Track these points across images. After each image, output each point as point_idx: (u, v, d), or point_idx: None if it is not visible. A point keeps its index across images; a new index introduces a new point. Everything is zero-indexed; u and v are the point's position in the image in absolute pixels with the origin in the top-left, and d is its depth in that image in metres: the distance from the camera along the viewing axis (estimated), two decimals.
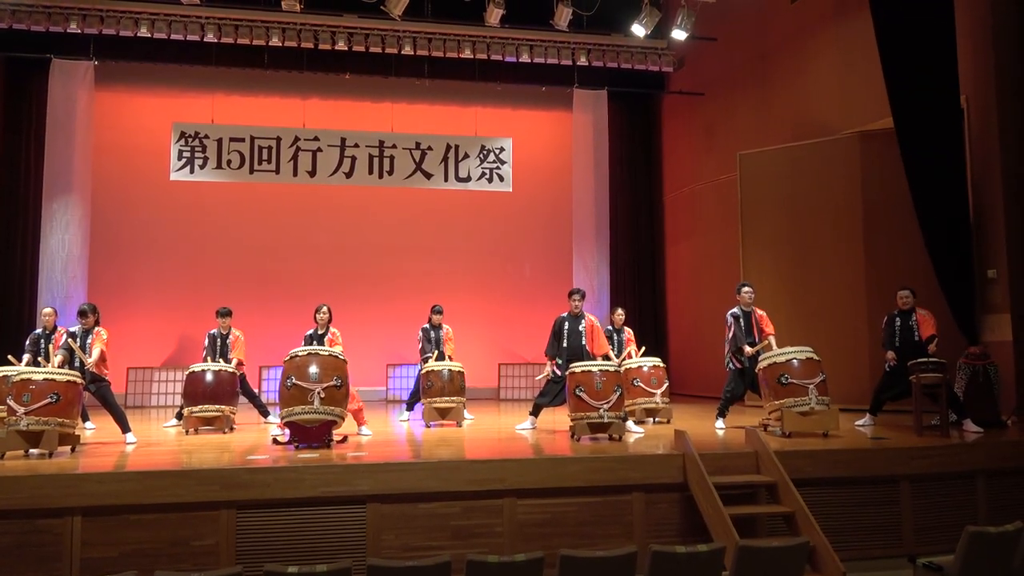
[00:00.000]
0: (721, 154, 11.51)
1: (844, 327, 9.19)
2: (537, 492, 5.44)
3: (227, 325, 8.41)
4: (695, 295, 12.26)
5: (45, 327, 7.75)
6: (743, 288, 7.63)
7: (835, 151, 9.50)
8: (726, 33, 11.48)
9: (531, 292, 12.98)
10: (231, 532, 5.06)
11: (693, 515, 5.46)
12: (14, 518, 4.83)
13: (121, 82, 12.10)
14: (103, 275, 11.71)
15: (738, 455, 5.83)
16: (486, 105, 13.11)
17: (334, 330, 8.09)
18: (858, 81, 9.22)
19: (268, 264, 12.36)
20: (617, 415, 6.63)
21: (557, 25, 10.43)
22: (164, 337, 11.85)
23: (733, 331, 7.47)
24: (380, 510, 5.24)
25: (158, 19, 10.94)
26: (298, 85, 12.45)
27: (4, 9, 10.59)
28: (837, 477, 5.77)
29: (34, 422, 5.77)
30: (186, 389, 7.80)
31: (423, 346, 8.86)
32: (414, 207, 12.91)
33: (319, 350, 6.56)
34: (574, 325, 7.51)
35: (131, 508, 4.96)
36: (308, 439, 6.28)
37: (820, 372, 6.79)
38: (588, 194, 12.84)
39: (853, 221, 9.31)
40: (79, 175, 11.48)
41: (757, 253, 10.15)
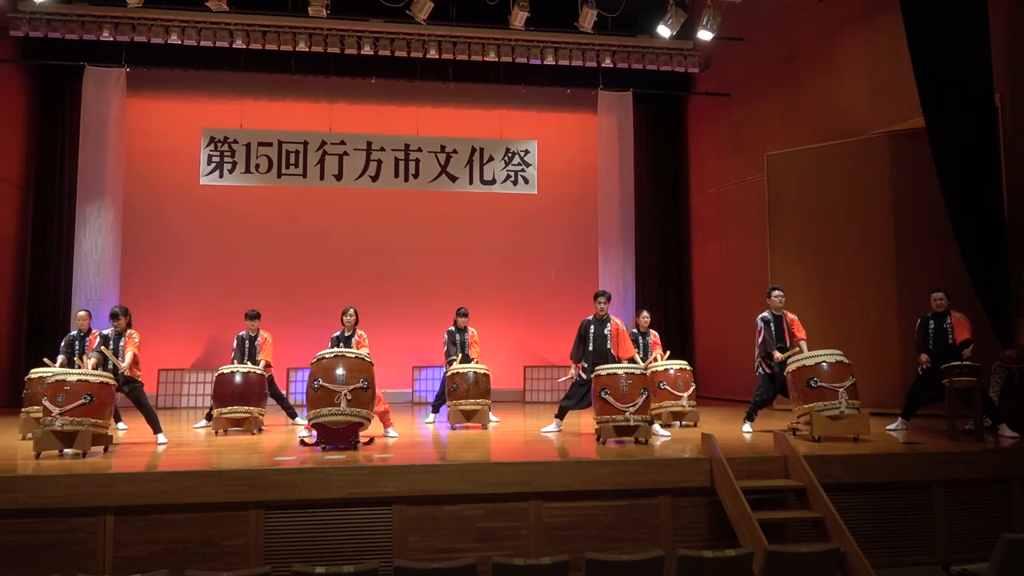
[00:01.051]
0: (748, 155, 11.41)
1: (875, 330, 9.05)
2: (563, 495, 5.43)
3: (255, 327, 8.51)
4: (722, 298, 12.16)
5: (80, 329, 7.91)
6: (773, 291, 7.54)
7: (865, 151, 9.37)
8: (753, 33, 11.38)
9: (556, 294, 12.96)
10: (260, 532, 5.11)
11: (720, 519, 5.41)
12: (49, 516, 4.93)
13: (152, 88, 12.32)
14: (135, 278, 11.92)
15: (767, 459, 5.76)
16: (511, 108, 13.13)
17: (361, 332, 8.14)
18: (888, 80, 9.08)
19: (296, 267, 12.49)
20: (643, 418, 6.60)
21: (582, 27, 10.41)
22: (194, 339, 12.03)
23: (763, 336, 7.39)
24: (406, 512, 5.27)
25: (188, 26, 11.12)
26: (325, 90, 12.57)
27: (39, 19, 10.84)
28: (868, 482, 5.69)
29: (68, 422, 5.88)
30: (216, 391, 7.91)
31: (448, 348, 8.89)
32: (439, 210, 12.96)
33: (346, 352, 6.61)
34: (600, 328, 7.48)
35: (162, 508, 5.04)
36: (335, 440, 6.32)
37: (850, 375, 6.69)
38: (613, 196, 12.80)
39: (883, 222, 9.17)
40: (111, 180, 11.70)
41: (785, 255, 10.04)
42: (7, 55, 11.22)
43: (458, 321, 8.99)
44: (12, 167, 11.46)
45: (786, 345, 7.31)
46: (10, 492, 4.92)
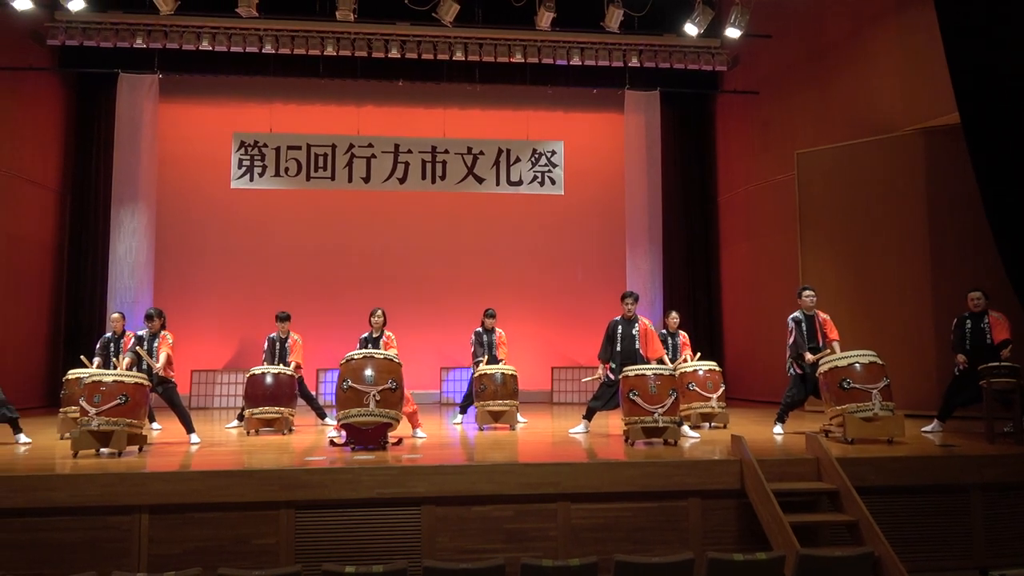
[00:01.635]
0: (777, 153, 11.27)
1: (909, 330, 8.89)
2: (591, 496, 5.41)
3: (286, 329, 8.60)
4: (752, 298, 12.02)
5: (114, 331, 8.07)
6: (804, 291, 7.43)
7: (897, 148, 9.21)
8: (781, 29, 11.24)
9: (584, 295, 12.92)
10: (290, 531, 5.17)
11: (751, 522, 5.35)
12: (86, 514, 5.03)
13: (184, 94, 12.52)
14: (168, 280, 12.13)
15: (798, 461, 5.69)
16: (537, 108, 13.12)
17: (388, 333, 8.18)
18: (921, 75, 8.91)
19: (325, 269, 12.61)
20: (672, 419, 6.55)
21: (608, 27, 10.37)
22: (226, 340, 12.20)
23: (794, 336, 7.28)
24: (435, 512, 5.29)
25: (219, 32, 11.29)
26: (352, 93, 12.67)
27: (75, 27, 11.08)
28: (903, 486, 5.59)
29: (104, 422, 6.00)
30: (247, 391, 8.02)
31: (475, 350, 8.91)
32: (466, 211, 13.00)
33: (374, 353, 6.65)
34: (627, 329, 7.44)
35: (195, 507, 5.12)
36: (364, 441, 6.37)
37: (884, 376, 6.58)
38: (641, 196, 12.73)
39: (917, 220, 9.01)
40: (145, 184, 11.92)
41: (816, 254, 9.90)
42: (44, 64, 11.49)
43: (485, 322, 9.00)
44: (50, 173, 11.74)
45: (818, 346, 7.20)
46: (49, 490, 5.03)
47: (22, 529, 4.97)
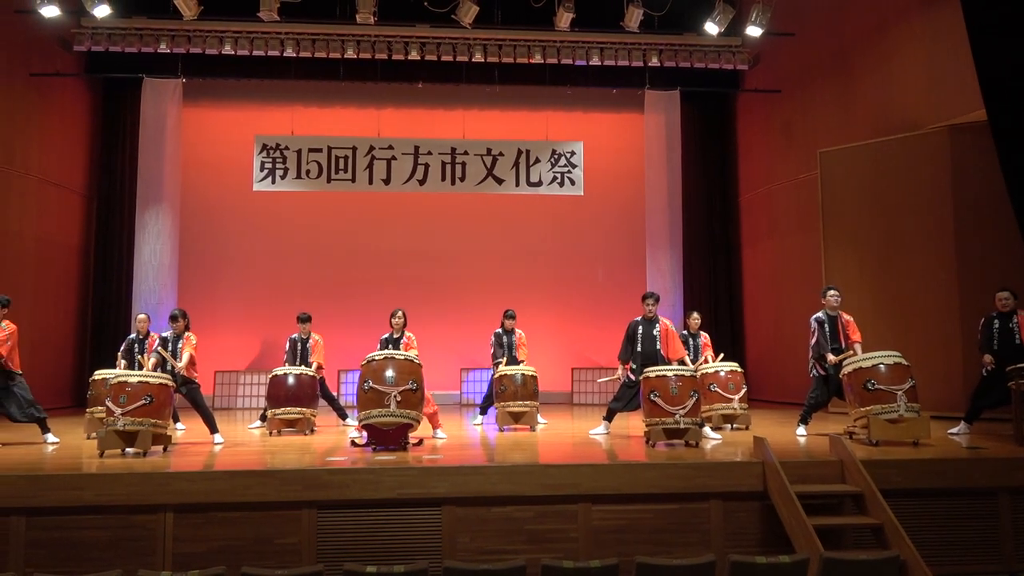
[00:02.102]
0: (800, 152, 11.16)
1: (935, 331, 8.76)
2: (612, 498, 5.39)
3: (307, 330, 8.66)
4: (774, 298, 11.92)
5: (139, 332, 8.18)
6: (828, 291, 7.35)
7: (923, 146, 9.09)
8: (803, 27, 11.13)
9: (604, 296, 12.88)
10: (312, 531, 5.20)
11: (774, 524, 5.30)
12: (112, 513, 5.10)
13: (207, 98, 12.67)
14: (191, 282, 12.27)
15: (822, 463, 5.63)
16: (557, 109, 13.11)
17: (409, 334, 8.21)
18: (946, 72, 8.78)
19: (346, 270, 12.68)
20: (693, 421, 6.51)
21: (628, 27, 10.34)
22: (249, 341, 12.31)
23: (816, 337, 7.21)
24: (455, 513, 5.30)
25: (241, 37, 11.41)
26: (373, 96, 12.75)
27: (101, 33, 11.26)
28: (929, 488, 5.50)
29: (130, 422, 6.08)
30: (269, 392, 8.09)
31: (495, 351, 8.93)
32: (486, 213, 13.02)
33: (395, 354, 6.68)
34: (648, 329, 7.41)
35: (219, 506, 5.17)
36: (385, 441, 6.40)
37: (909, 377, 6.49)
38: (661, 196, 12.67)
39: (943, 219, 8.88)
40: (169, 187, 12.07)
41: (840, 254, 9.79)
42: (71, 69, 11.67)
43: (505, 323, 9.00)
44: (76, 176, 11.93)
45: (841, 347, 7.12)
46: (76, 489, 5.11)
47: (51, 527, 5.06)
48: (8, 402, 6.91)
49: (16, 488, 5.07)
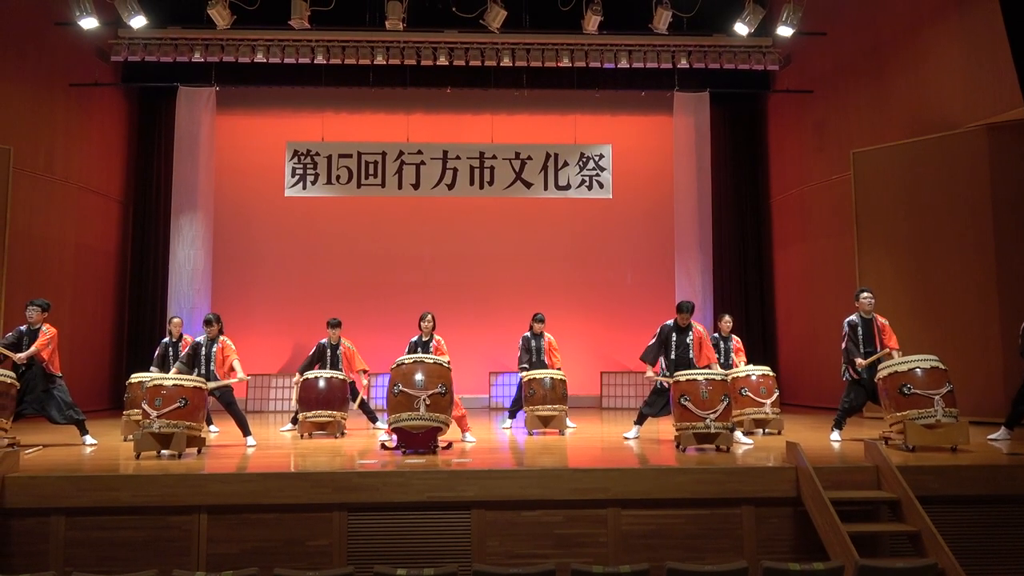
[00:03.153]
0: (833, 153, 11.00)
1: (974, 334, 8.57)
2: (642, 503, 5.35)
3: (337, 335, 8.74)
4: (807, 301, 11.75)
5: (172, 335, 8.33)
6: (862, 294, 7.22)
7: (960, 146, 8.90)
8: (836, 26, 10.98)
9: (633, 299, 12.81)
10: (343, 533, 5.24)
11: (807, 531, 5.22)
12: (148, 514, 5.19)
13: (239, 106, 12.87)
14: (224, 287, 12.45)
15: (857, 469, 5.53)
16: (585, 112, 13.08)
17: (438, 337, 8.24)
18: (983, 70, 8.60)
19: (375, 274, 12.78)
20: (724, 425, 6.44)
21: (656, 29, 10.28)
22: (280, 345, 12.45)
23: (847, 341, 7.08)
24: (484, 516, 5.30)
25: (272, 45, 11.57)
26: (402, 101, 12.84)
27: (137, 43, 11.50)
28: (969, 495, 5.38)
29: (165, 425, 6.19)
30: (300, 395, 8.18)
31: (521, 355, 8.90)
32: (515, 216, 13.02)
33: (424, 358, 6.71)
34: (682, 337, 7.31)
35: (251, 508, 5.24)
36: (414, 445, 6.43)
37: (947, 382, 6.35)
38: (690, 199, 12.56)
39: (982, 220, 8.69)
40: (203, 193, 12.28)
41: (875, 257, 9.63)
42: (109, 79, 11.95)
43: (534, 327, 9.00)
44: (113, 183, 12.21)
45: (875, 351, 6.99)
46: (113, 490, 5.21)
47: (90, 527, 5.16)
48: (49, 405, 7.08)
49: (56, 488, 5.18)
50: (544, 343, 8.93)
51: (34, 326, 7.14)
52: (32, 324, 7.14)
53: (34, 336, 7.10)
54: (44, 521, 5.12)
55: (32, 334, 7.12)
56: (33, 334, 7.11)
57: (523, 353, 8.91)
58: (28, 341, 7.08)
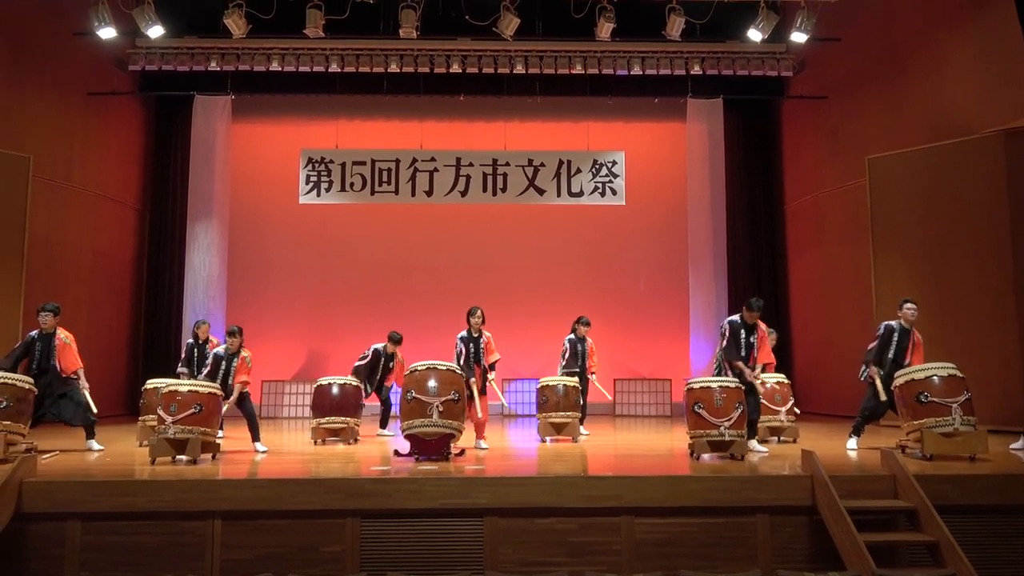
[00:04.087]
0: (848, 159, 10.94)
1: (992, 342, 8.47)
2: (656, 511, 5.32)
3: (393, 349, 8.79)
4: (822, 308, 11.67)
5: (197, 337, 8.39)
6: (905, 304, 7.01)
7: (976, 151, 8.82)
8: (850, 32, 10.93)
9: (647, 306, 12.78)
10: (356, 540, 5.24)
11: (823, 540, 5.16)
12: (163, 519, 5.22)
13: (255, 113, 12.97)
14: (239, 293, 12.53)
15: (873, 478, 5.47)
16: (598, 119, 13.09)
17: (488, 334, 7.64)
18: (1000, 75, 8.52)
19: (388, 281, 12.81)
20: (739, 433, 6.39)
21: (669, 35, 10.27)
22: (294, 352, 12.51)
23: (877, 343, 6.94)
24: (497, 524, 5.28)
25: (287, 53, 11.66)
26: (415, 108, 12.90)
27: (154, 53, 11.63)
28: (988, 505, 5.31)
29: (180, 430, 6.22)
30: (314, 401, 8.21)
31: (568, 360, 8.76)
32: (528, 223, 13.03)
33: (437, 365, 6.70)
34: (749, 334, 6.95)
35: (265, 513, 5.25)
36: (427, 451, 6.43)
37: (965, 390, 6.28)
38: (704, 205, 12.52)
39: (999, 227, 8.60)
40: (218, 201, 12.38)
41: (891, 263, 9.55)
42: (126, 88, 12.09)
43: (579, 329, 8.92)
44: (130, 191, 12.34)
45: (905, 362, 6.84)
46: (129, 496, 5.25)
47: (105, 532, 5.19)
48: (65, 408, 7.10)
49: (73, 493, 5.23)
50: (588, 347, 8.85)
51: (48, 331, 7.16)
52: (46, 329, 7.15)
53: (47, 341, 7.11)
54: (60, 526, 5.16)
55: (46, 339, 7.12)
56: (47, 339, 7.12)
57: (571, 358, 8.77)
58: (42, 347, 7.09)
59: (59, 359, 7.10)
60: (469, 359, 7.33)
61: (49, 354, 7.09)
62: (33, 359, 7.07)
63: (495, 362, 7.50)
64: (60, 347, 7.11)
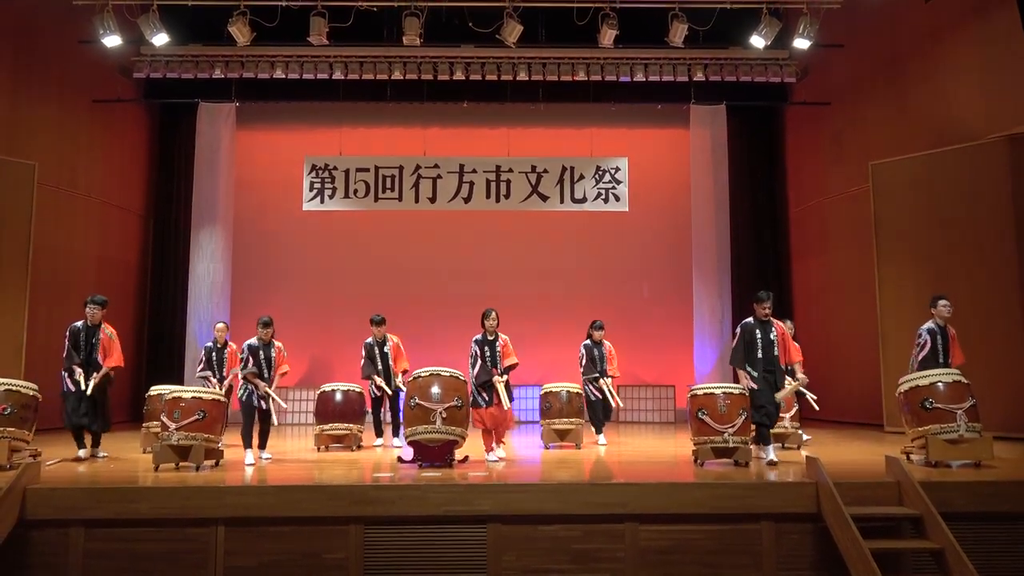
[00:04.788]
0: (851, 165, 10.93)
1: (997, 348, 8.44)
2: (660, 518, 5.30)
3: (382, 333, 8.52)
4: (826, 314, 11.64)
5: (216, 341, 8.37)
6: (939, 300, 6.75)
7: (980, 157, 8.82)
8: (853, 38, 10.94)
9: (650, 313, 12.76)
10: (359, 546, 5.23)
11: (828, 547, 5.14)
12: (166, 526, 5.21)
13: (259, 121, 13.02)
14: (243, 300, 12.53)
15: (878, 485, 5.45)
16: (601, 126, 13.10)
17: (504, 336, 7.52)
18: (1003, 81, 8.52)
19: (392, 287, 12.79)
20: (743, 440, 6.37)
21: (672, 42, 10.28)
22: (298, 358, 12.49)
23: (926, 351, 6.67)
24: (501, 531, 5.27)
25: (291, 61, 11.71)
26: (419, 115, 12.93)
27: (159, 60, 11.68)
28: (994, 512, 5.28)
29: (183, 437, 6.23)
30: (317, 408, 8.21)
31: (586, 366, 8.53)
32: (531, 230, 13.04)
33: (440, 371, 6.69)
34: (765, 333, 6.64)
35: (269, 520, 5.24)
36: (431, 458, 6.42)
37: (969, 396, 6.25)
38: (707, 211, 12.52)
39: (1004, 232, 8.58)
40: (223, 207, 12.41)
41: (895, 269, 9.54)
42: (131, 95, 12.15)
43: (593, 335, 8.73)
44: (135, 198, 12.38)
45: (948, 363, 6.64)
46: (132, 502, 5.24)
47: (109, 539, 5.19)
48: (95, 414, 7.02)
49: (76, 500, 5.22)
50: (605, 351, 8.66)
51: (94, 323, 7.16)
52: (92, 322, 7.15)
53: (92, 333, 7.12)
54: (64, 532, 5.16)
55: (90, 331, 7.13)
56: (91, 331, 7.13)
57: (588, 364, 8.55)
58: (86, 338, 7.11)
59: (105, 352, 7.05)
60: (486, 363, 7.07)
61: (93, 348, 7.07)
62: (79, 351, 7.04)
63: (512, 366, 7.19)
64: (105, 341, 7.10)
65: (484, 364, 7.08)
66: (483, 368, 7.06)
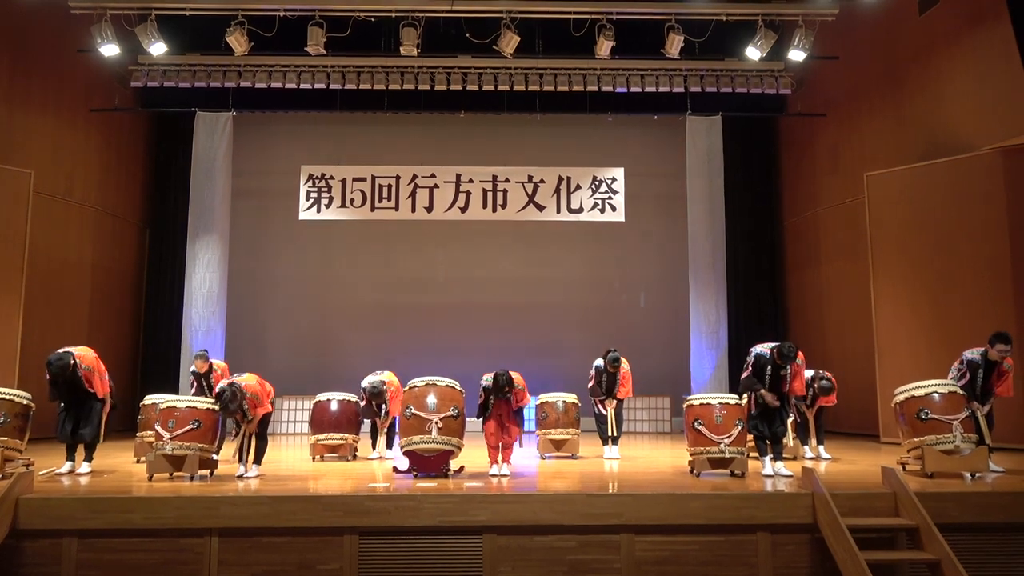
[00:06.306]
0: (846, 176, 10.98)
1: None
2: (656, 528, 5.29)
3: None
4: (821, 325, 11.66)
5: (196, 369, 8.06)
6: (998, 344, 6.38)
7: (975, 169, 8.86)
8: (849, 50, 11.01)
9: (647, 323, 12.77)
10: (354, 557, 5.21)
11: (824, 559, 5.13)
12: (160, 536, 5.18)
13: (256, 130, 13.03)
14: (239, 309, 12.52)
15: (874, 496, 5.45)
16: (597, 136, 13.15)
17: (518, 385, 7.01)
18: (998, 93, 8.58)
19: (388, 297, 12.82)
20: (739, 450, 6.37)
21: (668, 53, 10.34)
22: (293, 367, 12.47)
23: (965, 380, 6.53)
24: (496, 541, 5.25)
25: (289, 70, 11.72)
26: (416, 125, 12.96)
27: (156, 70, 11.69)
28: (990, 523, 5.28)
29: (178, 447, 6.19)
30: (313, 418, 8.18)
31: (592, 387, 8.27)
32: (528, 239, 13.06)
33: (437, 381, 6.68)
34: (776, 370, 6.38)
35: (263, 531, 5.22)
36: (426, 468, 6.40)
37: (965, 407, 6.26)
38: (703, 222, 12.55)
39: (999, 244, 8.62)
40: (219, 217, 12.40)
41: (890, 280, 9.56)
42: (128, 104, 12.16)
43: (608, 368, 8.21)
44: (131, 207, 12.38)
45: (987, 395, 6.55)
46: (126, 512, 5.21)
47: (102, 549, 5.15)
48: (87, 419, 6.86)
49: (69, 510, 5.20)
50: (620, 375, 8.23)
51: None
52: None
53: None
54: (56, 543, 5.12)
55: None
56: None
57: (595, 385, 8.23)
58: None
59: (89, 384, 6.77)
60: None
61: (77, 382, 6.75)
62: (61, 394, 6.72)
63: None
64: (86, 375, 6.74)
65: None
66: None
